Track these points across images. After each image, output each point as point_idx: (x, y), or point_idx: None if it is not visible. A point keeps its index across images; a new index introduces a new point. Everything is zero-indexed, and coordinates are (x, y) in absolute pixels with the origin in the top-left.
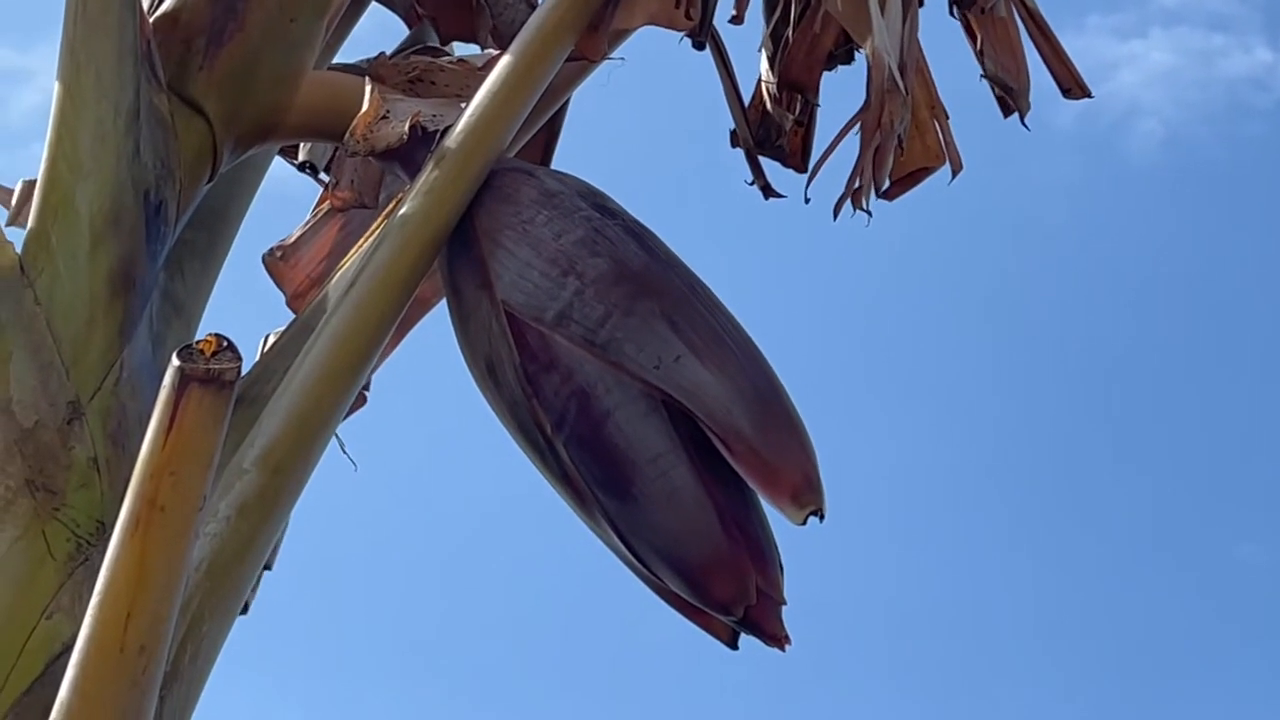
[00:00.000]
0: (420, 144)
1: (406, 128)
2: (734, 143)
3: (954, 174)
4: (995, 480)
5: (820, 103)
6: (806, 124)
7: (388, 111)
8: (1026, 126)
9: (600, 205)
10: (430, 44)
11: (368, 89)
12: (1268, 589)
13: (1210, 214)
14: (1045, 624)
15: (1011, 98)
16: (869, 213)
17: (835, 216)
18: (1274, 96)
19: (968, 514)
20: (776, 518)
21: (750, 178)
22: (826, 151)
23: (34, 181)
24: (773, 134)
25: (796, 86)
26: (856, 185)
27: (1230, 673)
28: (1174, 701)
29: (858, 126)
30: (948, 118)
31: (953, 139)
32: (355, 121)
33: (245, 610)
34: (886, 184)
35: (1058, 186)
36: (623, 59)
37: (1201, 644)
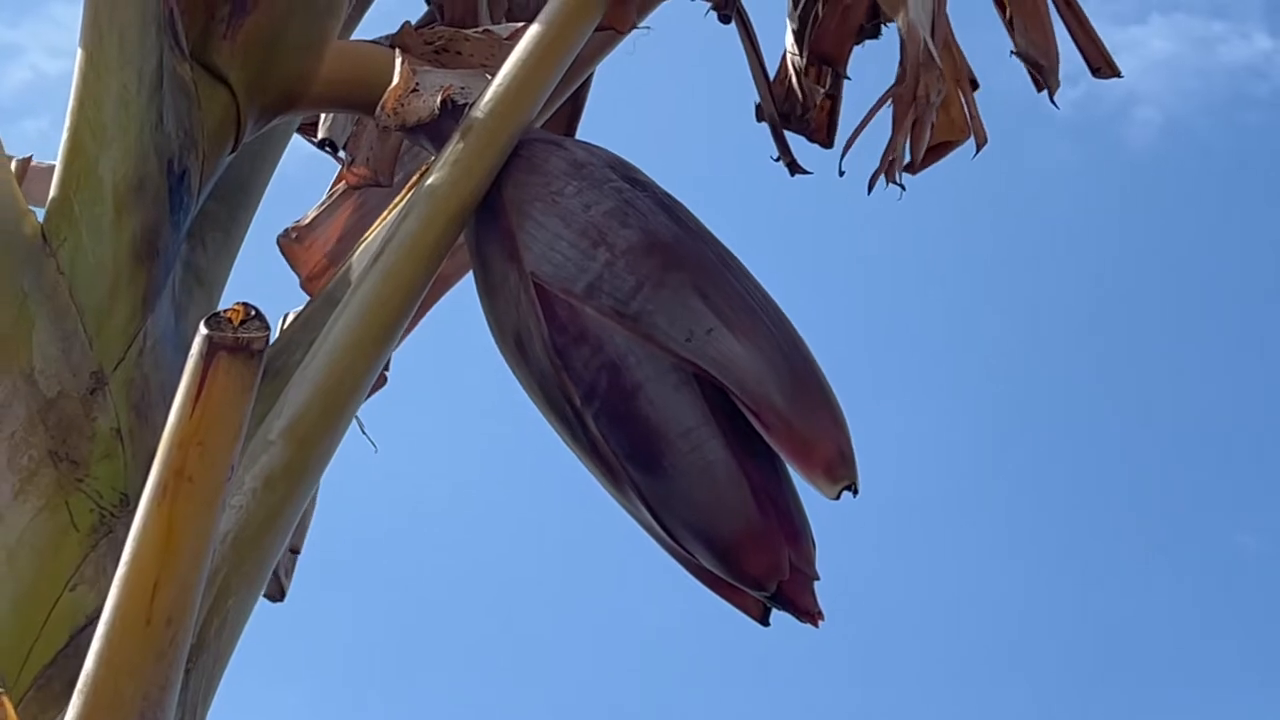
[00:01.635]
0: (447, 115)
1: (438, 102)
2: (760, 117)
3: (979, 147)
4: (991, 468)
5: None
6: (832, 99)
7: (418, 84)
8: (1056, 105)
9: (630, 177)
10: None
11: (398, 61)
12: (1266, 578)
13: (1208, 203)
14: (1043, 614)
15: (1041, 75)
16: (902, 186)
17: (870, 190)
18: (1273, 85)
19: (964, 502)
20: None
21: (776, 154)
22: (860, 125)
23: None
24: (798, 109)
25: (827, 59)
26: (891, 159)
27: (1228, 662)
28: (1172, 691)
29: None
30: (976, 88)
31: (977, 112)
32: (385, 95)
33: (282, 597)
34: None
35: (1056, 173)
36: (649, 28)
37: (1200, 633)
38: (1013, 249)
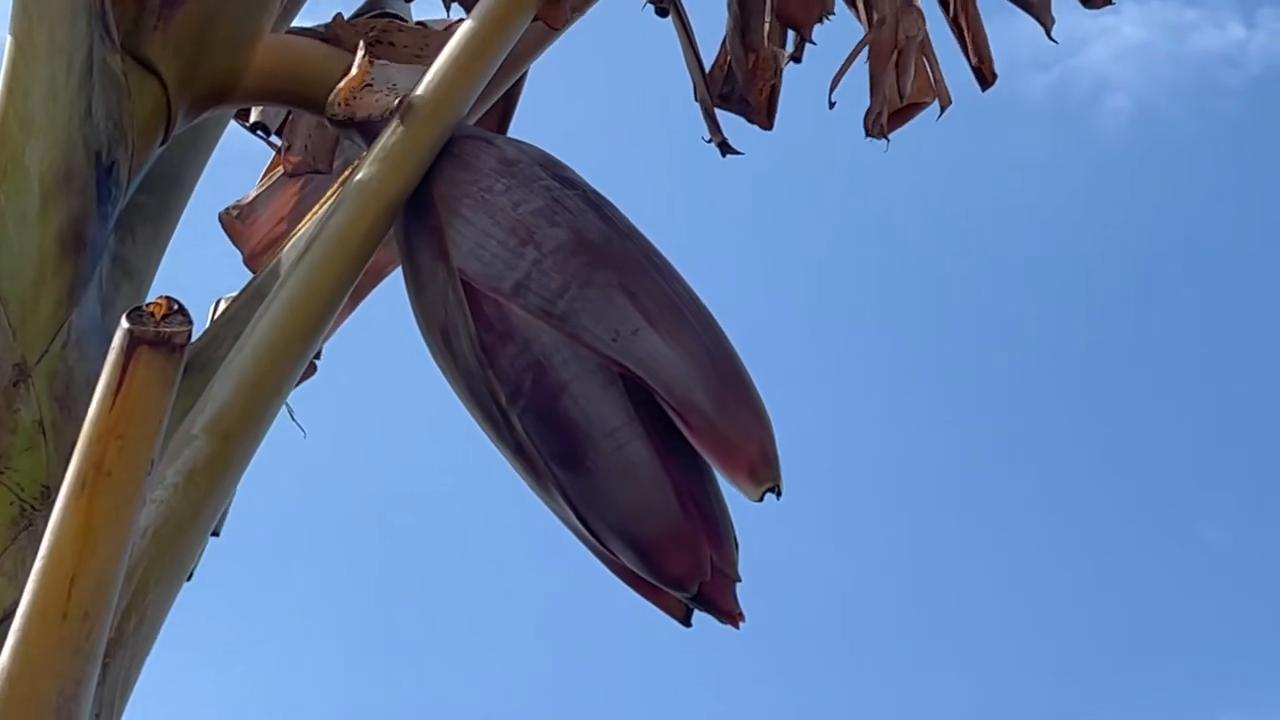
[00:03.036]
0: None
1: (393, 101)
2: (697, 97)
3: (942, 109)
4: (954, 460)
5: (812, 44)
6: (773, 83)
7: (373, 79)
8: (1054, 40)
9: (559, 175)
10: (388, 9)
11: (358, 55)
12: (1230, 570)
13: (1179, 192)
14: (1005, 606)
15: (1033, 13)
16: (887, 139)
17: (867, 133)
18: (1246, 74)
19: (926, 495)
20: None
21: (710, 137)
22: (839, 74)
23: None
24: (737, 90)
25: (794, 24)
26: (879, 109)
27: (1192, 654)
28: (1135, 682)
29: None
30: (936, 62)
31: (941, 76)
32: (339, 87)
33: (189, 577)
34: (880, 119)
35: (1027, 160)
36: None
37: (1164, 625)
38: (983, 234)
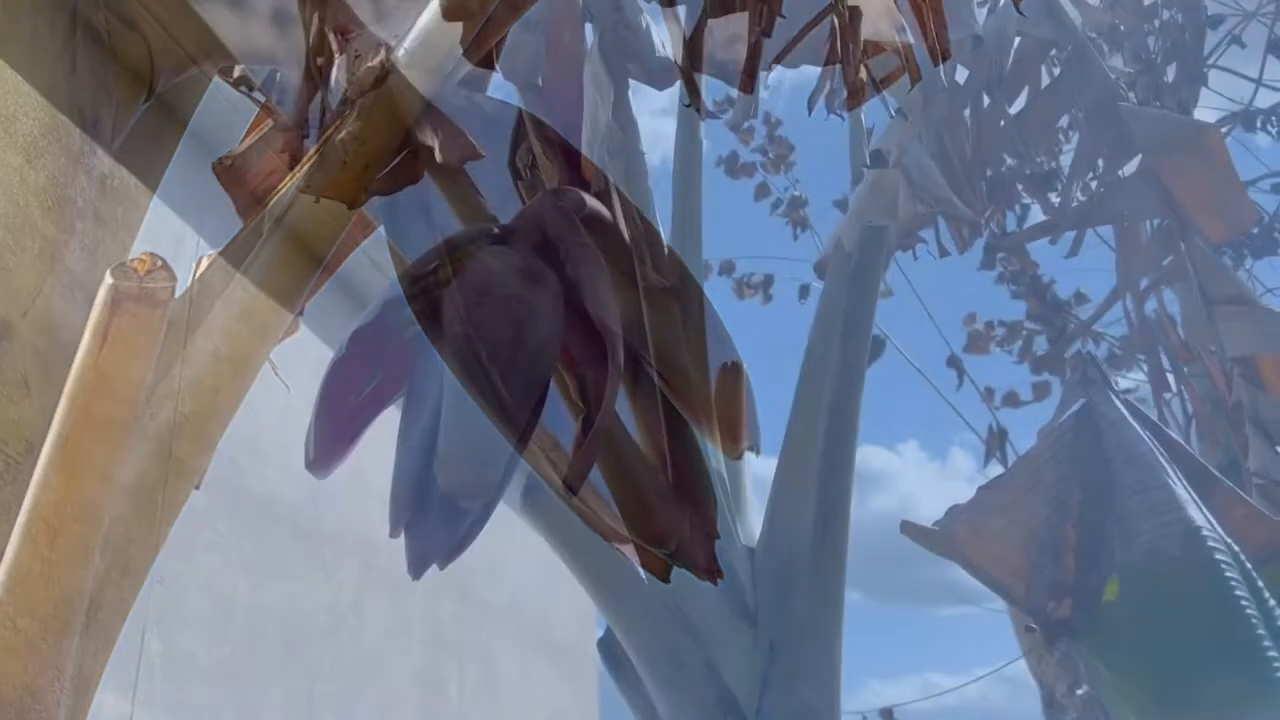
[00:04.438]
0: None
1: (384, 55)
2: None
3: (912, 84)
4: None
5: (781, 17)
6: (754, 47)
7: (358, 52)
8: (1021, 13)
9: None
10: None
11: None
12: None
13: None
14: None
15: None
16: (842, 117)
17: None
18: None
19: None
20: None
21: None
22: (791, 43)
23: None
24: (717, 54)
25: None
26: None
27: None
28: None
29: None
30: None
31: (912, 52)
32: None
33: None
34: (845, 93)
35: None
36: None
37: None
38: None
